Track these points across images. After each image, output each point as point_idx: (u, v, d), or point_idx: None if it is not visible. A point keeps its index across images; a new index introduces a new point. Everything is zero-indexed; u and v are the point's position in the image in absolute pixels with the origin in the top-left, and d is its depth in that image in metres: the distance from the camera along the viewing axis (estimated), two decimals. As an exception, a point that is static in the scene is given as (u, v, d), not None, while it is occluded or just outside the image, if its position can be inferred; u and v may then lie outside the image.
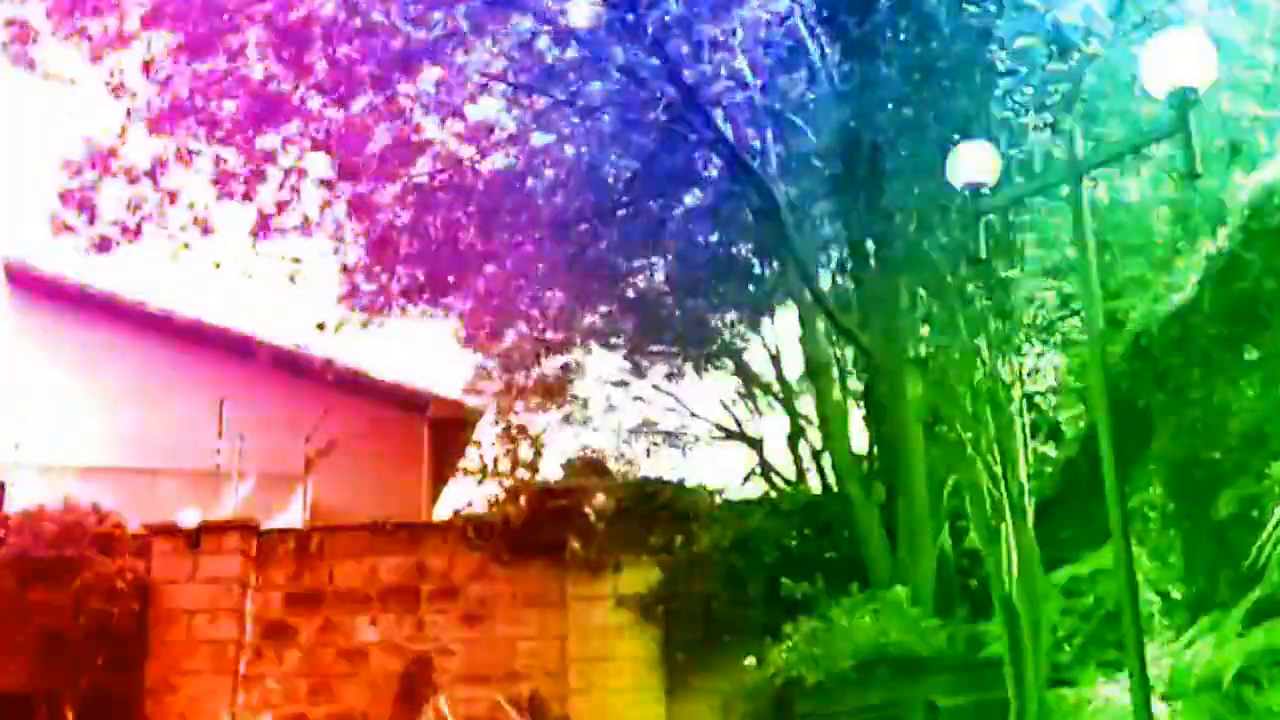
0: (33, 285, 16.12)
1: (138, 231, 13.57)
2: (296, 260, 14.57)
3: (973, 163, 7.97)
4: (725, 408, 19.49)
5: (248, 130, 12.87)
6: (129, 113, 12.93)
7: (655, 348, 18.30)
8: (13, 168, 16.53)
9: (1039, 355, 10.57)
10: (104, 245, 13.54)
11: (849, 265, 13.91)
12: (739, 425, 19.46)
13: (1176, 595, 9.79)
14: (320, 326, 15.29)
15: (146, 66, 12.57)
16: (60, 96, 13.34)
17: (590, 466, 13.75)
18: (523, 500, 13.35)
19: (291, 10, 11.88)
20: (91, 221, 13.42)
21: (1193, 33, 7.19)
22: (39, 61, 12.66)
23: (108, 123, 13.23)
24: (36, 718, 11.64)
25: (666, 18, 11.49)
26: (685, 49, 11.83)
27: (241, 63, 12.39)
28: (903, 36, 10.36)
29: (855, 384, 14.50)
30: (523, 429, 14.92)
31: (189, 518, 12.95)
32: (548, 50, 12.83)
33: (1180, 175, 8.99)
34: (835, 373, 14.37)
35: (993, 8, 9.61)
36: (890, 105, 10.56)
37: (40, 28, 12.42)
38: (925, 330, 11.33)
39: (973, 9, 9.61)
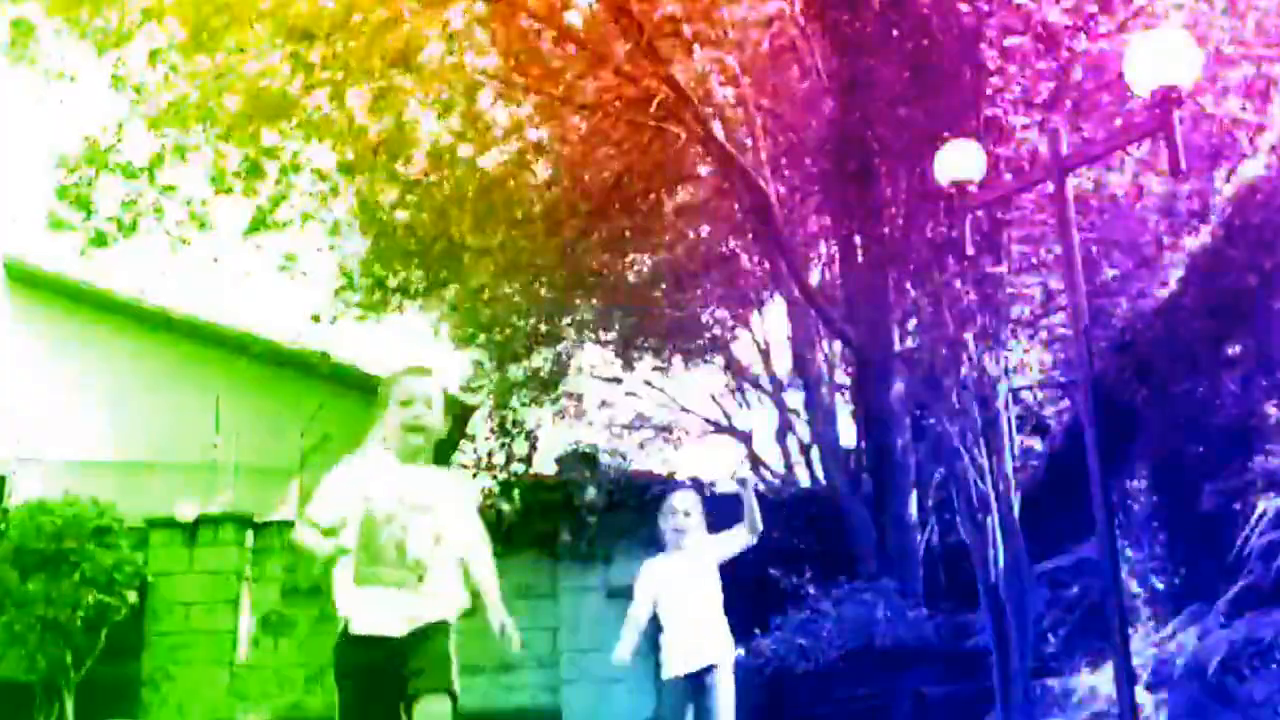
0: (32, 282, 16.15)
1: (134, 228, 13.61)
2: (292, 257, 14.65)
3: (959, 160, 8.08)
4: (715, 401, 19.64)
5: (245, 125, 12.92)
6: (128, 107, 12.98)
7: (646, 341, 18.42)
8: (12, 164, 16.59)
9: (1025, 350, 10.66)
10: (101, 241, 13.59)
11: (837, 260, 14.03)
12: (728, 419, 19.60)
13: (1160, 586, 9.92)
14: (315, 319, 15.37)
15: (147, 61, 12.62)
16: (59, 93, 13.36)
17: (582, 460, 13.83)
18: (515, 494, 13.43)
19: (293, 5, 11.94)
20: (88, 217, 13.46)
21: (1176, 32, 7.31)
22: (41, 60, 12.71)
23: (105, 118, 13.29)
24: (36, 707, 11.71)
25: (660, 16, 11.57)
26: (677, 47, 11.92)
27: (241, 57, 12.44)
28: (894, 34, 10.44)
29: (843, 378, 14.62)
30: (516, 423, 15.01)
31: (186, 511, 13.01)
32: (544, 47, 12.91)
33: (1165, 172, 9.09)
34: (823, 367, 14.49)
35: (984, 6, 9.69)
36: (880, 102, 10.65)
37: (41, 24, 12.46)
38: (913, 324, 11.43)
39: (964, 7, 9.68)
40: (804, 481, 16.67)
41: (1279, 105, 10.57)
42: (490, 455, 14.01)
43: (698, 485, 13.26)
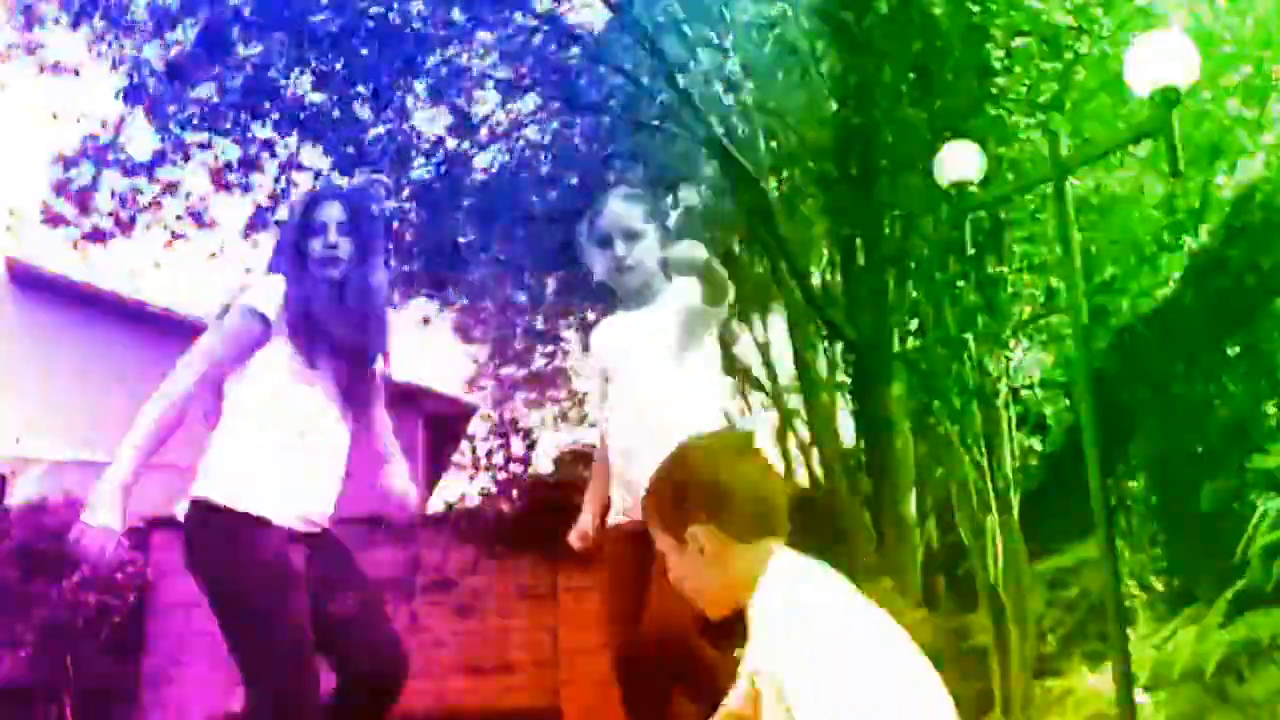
0: (34, 281, 16.18)
1: (131, 223, 13.62)
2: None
3: (959, 161, 8.10)
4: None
5: (246, 122, 12.94)
6: (126, 101, 12.99)
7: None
8: (12, 161, 16.66)
9: (1025, 350, 10.66)
10: (97, 236, 13.60)
11: (838, 261, 14.04)
12: (729, 420, 19.59)
13: (1159, 587, 9.90)
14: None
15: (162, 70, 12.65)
16: (59, 87, 13.40)
17: (582, 460, 13.80)
18: (515, 494, 13.42)
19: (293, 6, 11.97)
20: (85, 213, 13.48)
21: (1175, 33, 7.32)
22: (45, 52, 12.75)
23: (105, 113, 13.31)
24: (35, 709, 11.70)
25: (662, 17, 11.60)
26: (680, 48, 11.94)
27: (242, 56, 12.46)
28: (900, 34, 10.43)
29: (843, 378, 14.60)
30: (515, 423, 14.99)
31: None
32: (545, 48, 12.94)
33: (1164, 173, 9.10)
34: (823, 367, 14.48)
35: (993, 6, 9.69)
36: (884, 103, 10.65)
37: (45, 16, 12.51)
38: (913, 325, 11.43)
39: (974, 7, 9.68)
40: (804, 482, 16.65)
41: (1278, 105, 10.59)
42: (489, 455, 13.96)
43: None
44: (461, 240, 14.42)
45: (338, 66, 12.46)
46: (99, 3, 12.21)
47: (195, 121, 12.98)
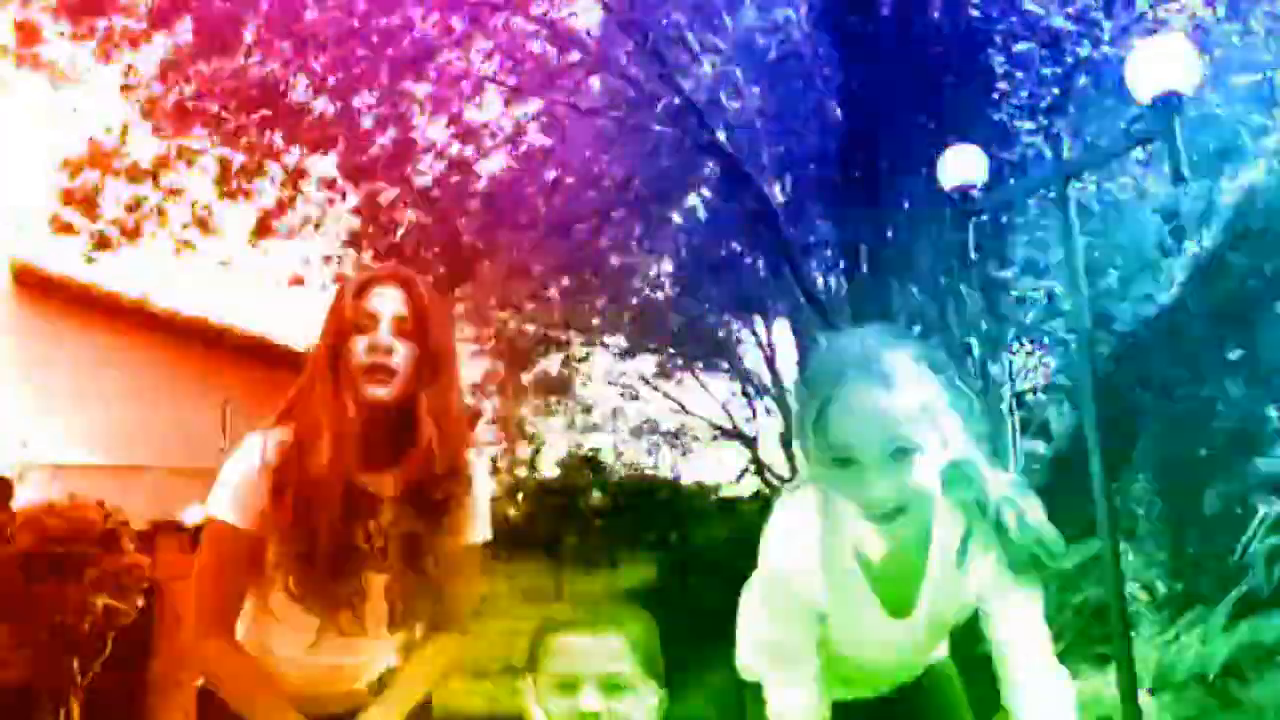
0: (38, 285, 16.17)
1: (138, 231, 13.63)
2: (306, 261, 14.66)
3: (962, 165, 8.12)
4: (722, 407, 19.62)
5: (251, 129, 12.95)
6: (133, 109, 13.00)
7: (652, 345, 18.44)
8: (16, 166, 16.65)
9: (1029, 354, 10.68)
10: (105, 244, 13.61)
11: (841, 265, 14.05)
12: (734, 424, 19.58)
13: (1163, 590, 9.90)
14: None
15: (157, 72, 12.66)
16: (63, 95, 13.40)
17: (587, 464, 13.84)
18: (521, 498, 13.46)
19: (298, 11, 11.98)
20: (93, 220, 13.49)
21: (1178, 38, 7.33)
22: (45, 62, 12.75)
23: (109, 120, 13.32)
24: (40, 713, 11.70)
25: (665, 21, 11.61)
26: (682, 54, 11.96)
27: (247, 62, 12.47)
28: (905, 39, 10.45)
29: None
30: (521, 427, 15.01)
31: (193, 515, 13.03)
32: (548, 52, 12.95)
33: (1167, 177, 9.12)
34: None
35: (995, 11, 9.72)
36: (887, 108, 10.67)
37: (46, 25, 12.51)
38: (917, 329, 11.44)
39: (976, 13, 9.71)
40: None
41: (1281, 110, 10.60)
42: (495, 460, 14.01)
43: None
44: (466, 244, 14.43)
45: (340, 72, 12.46)
46: (100, 5, 12.23)
47: (197, 127, 13.00)
